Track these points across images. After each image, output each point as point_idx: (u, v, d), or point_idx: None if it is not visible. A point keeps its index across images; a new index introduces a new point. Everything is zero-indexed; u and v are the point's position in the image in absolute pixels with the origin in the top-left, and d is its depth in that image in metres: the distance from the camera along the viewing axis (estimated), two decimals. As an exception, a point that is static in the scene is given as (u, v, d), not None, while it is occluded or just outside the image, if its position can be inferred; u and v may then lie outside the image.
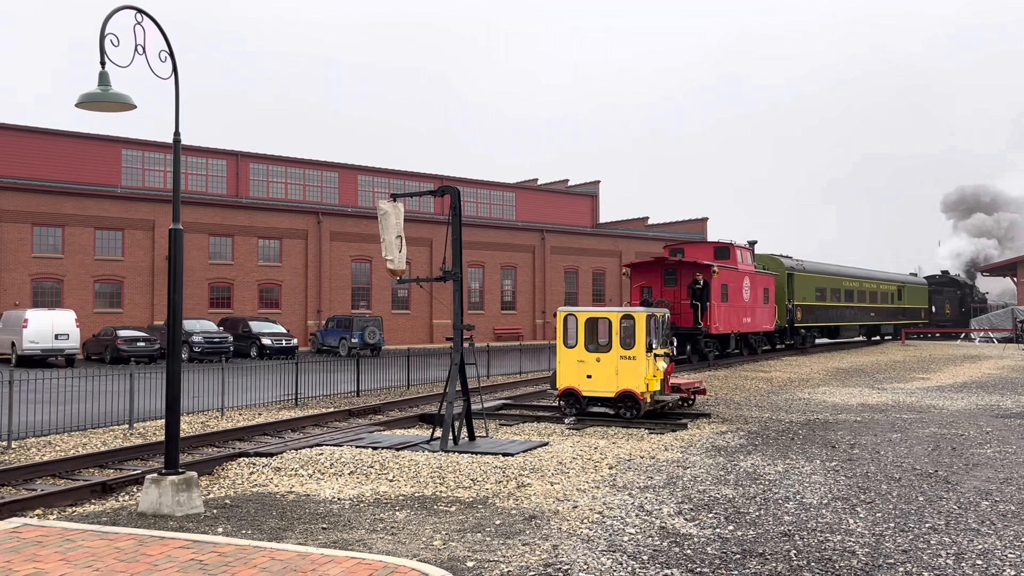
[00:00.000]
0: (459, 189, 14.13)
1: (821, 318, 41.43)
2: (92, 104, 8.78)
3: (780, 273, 37.57)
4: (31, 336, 31.80)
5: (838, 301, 43.43)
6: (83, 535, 7.61)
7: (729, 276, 30.83)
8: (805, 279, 39.69)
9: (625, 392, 15.83)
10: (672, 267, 29.66)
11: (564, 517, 8.71)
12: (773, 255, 38.84)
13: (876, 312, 49.08)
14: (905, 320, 53.82)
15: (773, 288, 36.09)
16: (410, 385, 23.79)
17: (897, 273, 56.23)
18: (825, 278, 42.13)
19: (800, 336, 39.64)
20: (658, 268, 29.78)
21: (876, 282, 49.33)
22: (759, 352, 34.77)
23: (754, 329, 33.44)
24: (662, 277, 29.55)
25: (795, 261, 39.81)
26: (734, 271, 31.53)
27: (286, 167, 56.46)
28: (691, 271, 28.74)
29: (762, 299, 34.48)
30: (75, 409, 17.15)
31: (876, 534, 8.18)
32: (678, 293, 28.79)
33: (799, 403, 19.87)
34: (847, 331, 45.60)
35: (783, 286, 37.56)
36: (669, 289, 29.12)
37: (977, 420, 16.83)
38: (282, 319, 46.16)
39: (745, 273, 32.64)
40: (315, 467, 11.29)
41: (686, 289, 28.46)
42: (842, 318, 44.01)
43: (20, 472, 11.35)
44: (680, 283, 28.89)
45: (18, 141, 46.76)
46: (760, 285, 34.29)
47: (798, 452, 12.93)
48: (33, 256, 41.58)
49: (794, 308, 38.15)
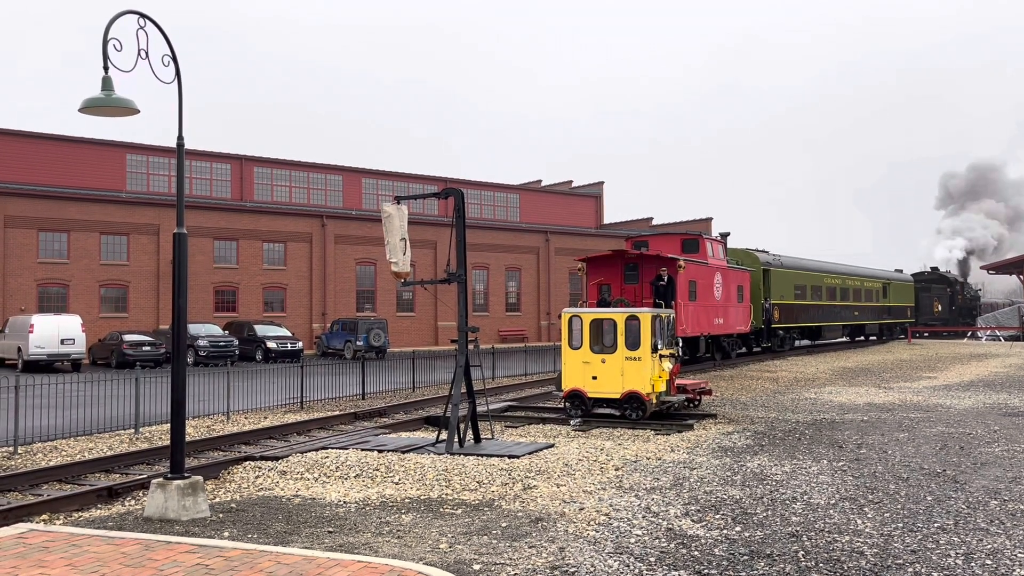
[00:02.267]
0: (463, 191, 14.11)
1: (801, 318, 38.56)
2: (96, 109, 8.78)
3: (755, 269, 34.57)
4: (37, 341, 31.87)
5: (819, 299, 40.68)
6: (89, 540, 7.60)
7: (698, 272, 28.09)
8: (783, 276, 36.87)
9: (631, 393, 15.79)
10: (633, 261, 26.69)
11: (571, 519, 8.68)
12: (748, 249, 36.04)
13: (860, 311, 46.20)
14: (891, 319, 51.34)
15: (748, 286, 33.15)
16: (415, 387, 23.77)
17: (881, 269, 53.23)
18: (805, 274, 39.29)
19: (778, 338, 36.74)
20: (617, 262, 26.77)
21: (860, 279, 46.47)
22: (733, 356, 31.84)
23: (727, 331, 30.53)
24: (622, 272, 26.65)
25: (772, 256, 37.03)
26: (703, 266, 28.68)
27: (290, 171, 56.53)
28: (654, 266, 25.81)
29: (736, 297, 31.61)
30: (81, 414, 17.17)
31: (884, 534, 8.14)
32: (639, 291, 26.09)
33: (805, 403, 19.80)
34: (829, 332, 42.77)
35: (759, 283, 34.58)
36: (630, 286, 26.35)
37: (985, 419, 16.75)
38: (287, 322, 46.20)
39: (716, 269, 29.76)
40: (321, 470, 11.27)
41: (649, 286, 25.66)
42: (824, 318, 41.20)
43: (26, 477, 11.35)
44: (642, 279, 26.13)
45: (23, 147, 46.88)
46: (733, 282, 31.48)
47: (805, 452, 12.88)
48: (39, 261, 41.70)
49: (771, 307, 35.21)
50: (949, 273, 65.33)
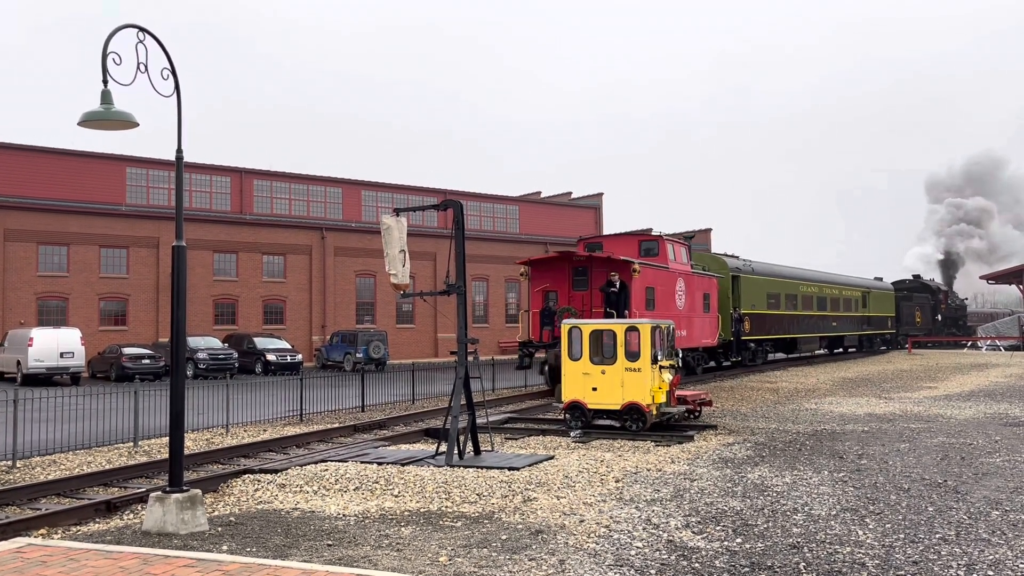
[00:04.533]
0: (462, 203, 14.13)
1: (774, 329, 35.88)
2: (95, 123, 8.80)
3: (724, 275, 32.06)
4: (36, 354, 31.84)
5: (794, 309, 38.20)
6: (87, 554, 7.57)
7: (656, 277, 25.53)
8: (754, 283, 34.37)
9: (631, 404, 15.76)
10: (582, 264, 23.94)
11: (571, 531, 8.65)
12: (717, 254, 33.88)
13: (839, 322, 43.67)
14: (871, 330, 48.88)
15: (715, 293, 30.56)
16: (415, 400, 23.73)
17: (860, 277, 50.47)
18: (779, 282, 36.85)
19: (749, 351, 33.95)
20: (564, 266, 24.11)
21: (838, 287, 43.99)
22: (699, 372, 29.42)
23: (691, 344, 27.75)
24: (570, 277, 23.89)
25: (742, 261, 34.67)
26: (663, 271, 26.15)
27: (289, 183, 56.56)
28: (605, 269, 23.28)
29: (701, 307, 29.03)
30: (80, 427, 17.13)
31: (886, 545, 8.10)
32: (589, 298, 23.45)
33: (806, 413, 19.77)
34: (806, 344, 39.97)
35: (727, 291, 31.96)
36: (579, 293, 23.67)
37: (985, 429, 16.72)
38: (287, 335, 46.15)
39: (679, 274, 27.34)
40: (320, 483, 11.24)
41: (600, 293, 23.17)
42: (799, 329, 38.55)
43: (25, 491, 11.31)
44: (592, 285, 23.41)
45: (22, 160, 46.90)
46: (698, 289, 28.85)
47: (806, 463, 12.85)
48: (38, 275, 41.69)
49: (741, 317, 32.49)
50: (932, 281, 62.97)
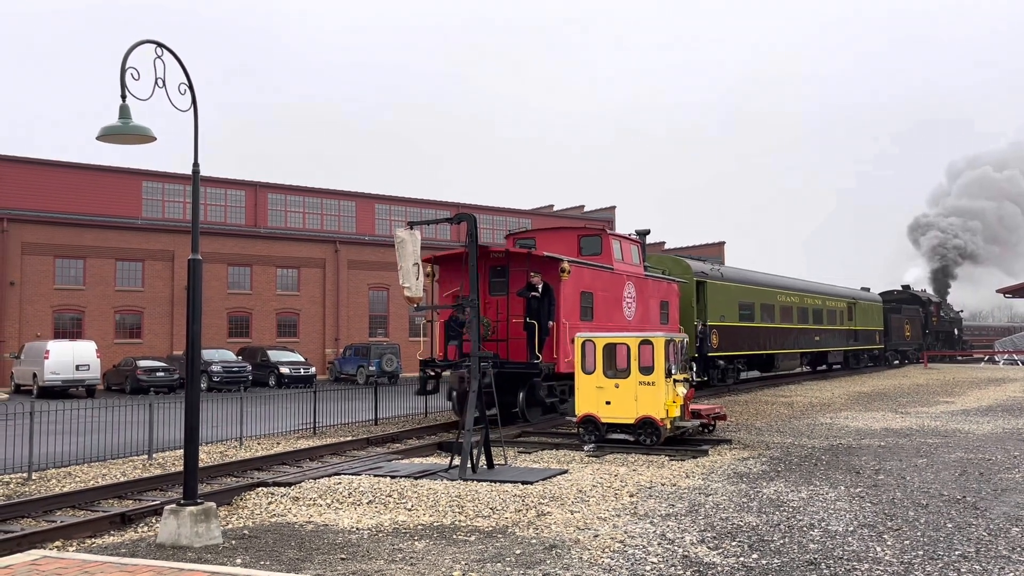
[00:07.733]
0: (475, 216, 14.15)
1: (747, 344, 31.26)
2: (113, 137, 8.87)
3: (687, 281, 27.44)
4: (52, 367, 32.06)
5: (771, 321, 33.66)
6: (102, 567, 7.58)
7: (596, 280, 21.13)
8: (724, 291, 29.84)
9: (645, 418, 15.69)
10: (500, 263, 19.74)
11: (585, 546, 8.60)
12: (678, 257, 29.14)
13: (822, 336, 39.35)
14: (858, 345, 44.64)
15: (676, 302, 26.00)
16: (428, 413, 23.71)
17: (846, 287, 46.18)
18: (752, 290, 32.32)
19: (718, 369, 29.58)
20: (480, 265, 17.27)
21: (821, 297, 39.68)
22: None
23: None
24: (487, 280, 19.70)
25: (710, 266, 30.41)
26: (606, 272, 21.68)
27: (303, 197, 56.88)
28: (526, 268, 19.20)
29: (658, 317, 24.40)
30: (95, 440, 17.20)
31: (904, 562, 8.01)
32: (506, 305, 19.43)
33: (821, 428, 19.62)
34: (785, 361, 35.42)
35: (691, 300, 27.46)
36: (496, 298, 19.61)
37: (1004, 444, 16.54)
38: (300, 348, 46.29)
39: (628, 277, 22.78)
40: (333, 497, 11.22)
41: (521, 299, 19.16)
42: (777, 344, 34.04)
43: (40, 503, 11.35)
44: (511, 288, 19.49)
45: (40, 175, 47.38)
46: (654, 297, 24.26)
47: (822, 478, 12.74)
48: (55, 288, 42.03)
49: (707, 330, 27.96)
50: (923, 292, 59.83)
